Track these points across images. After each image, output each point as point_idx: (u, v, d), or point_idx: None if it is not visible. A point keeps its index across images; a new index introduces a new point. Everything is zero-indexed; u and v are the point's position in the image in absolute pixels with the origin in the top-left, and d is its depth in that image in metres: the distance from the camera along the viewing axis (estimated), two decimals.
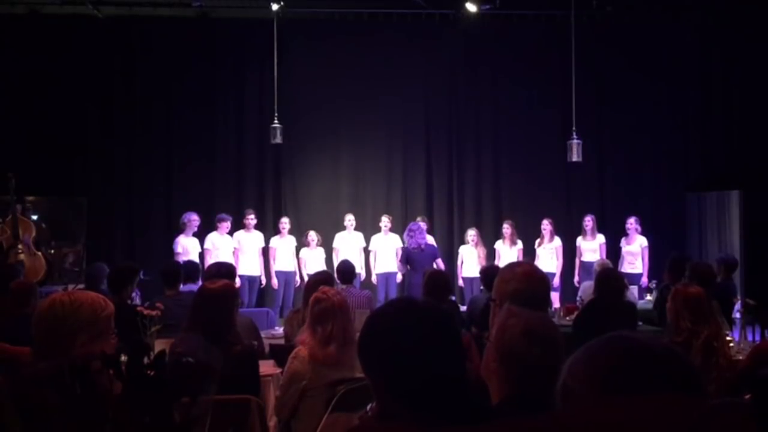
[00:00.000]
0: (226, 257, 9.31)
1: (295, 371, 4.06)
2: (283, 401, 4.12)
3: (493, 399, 2.15)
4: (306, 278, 8.59)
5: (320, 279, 5.72)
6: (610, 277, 6.06)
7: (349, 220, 10.47)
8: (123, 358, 2.17)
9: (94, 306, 2.54)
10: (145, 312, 4.90)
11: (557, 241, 10.26)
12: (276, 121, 10.20)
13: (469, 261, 10.32)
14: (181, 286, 6.45)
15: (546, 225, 10.23)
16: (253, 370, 4.34)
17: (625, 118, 11.66)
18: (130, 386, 2.01)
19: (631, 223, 10.08)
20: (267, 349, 5.48)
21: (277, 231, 10.49)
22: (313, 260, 10.09)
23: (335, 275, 7.46)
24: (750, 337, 6.59)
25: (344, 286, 6.86)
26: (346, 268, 7.30)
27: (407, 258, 9.48)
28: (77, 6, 10.74)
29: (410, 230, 9.53)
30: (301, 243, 10.40)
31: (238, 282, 9.02)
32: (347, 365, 4.08)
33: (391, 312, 1.69)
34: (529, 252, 10.32)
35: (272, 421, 4.58)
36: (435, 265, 9.15)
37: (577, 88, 10.13)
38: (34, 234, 9.51)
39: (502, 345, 2.18)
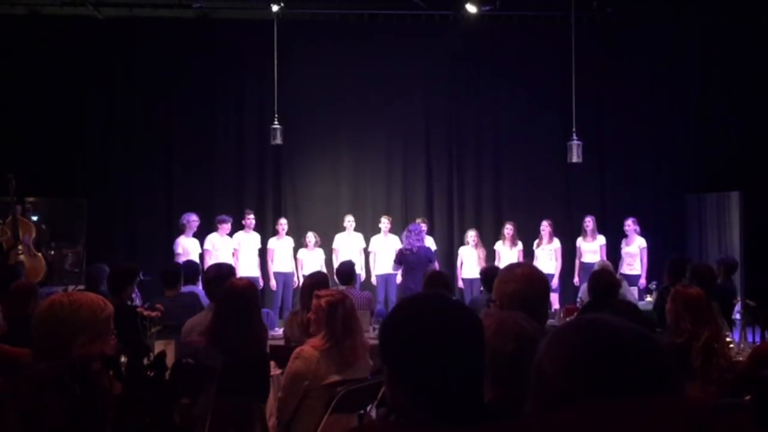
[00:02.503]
0: (226, 258, 9.32)
1: (297, 371, 4.05)
2: (285, 402, 4.11)
3: None
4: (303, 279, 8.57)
5: (315, 280, 5.72)
6: (601, 277, 6.04)
7: (349, 221, 10.47)
8: (123, 359, 2.17)
9: (94, 307, 2.54)
10: (145, 313, 4.91)
11: (556, 243, 10.26)
12: (276, 122, 10.20)
13: (469, 262, 10.32)
14: (182, 287, 6.45)
15: (545, 226, 10.23)
16: (267, 373, 4.41)
17: (625, 119, 11.66)
18: (130, 387, 2.01)
19: (629, 224, 10.08)
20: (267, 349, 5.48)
21: (275, 232, 10.49)
22: (311, 261, 10.08)
23: (335, 276, 7.48)
24: (750, 338, 6.59)
25: (344, 287, 6.85)
26: (346, 269, 7.30)
27: (401, 259, 9.42)
28: (77, 7, 10.73)
29: (407, 231, 9.54)
30: (300, 244, 10.40)
31: None
32: (355, 366, 4.09)
33: (422, 305, 1.64)
34: (529, 253, 10.32)
35: (271, 421, 4.59)
36: (432, 268, 9.12)
37: (577, 88, 10.13)
38: (34, 235, 9.51)
39: None
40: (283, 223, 10.37)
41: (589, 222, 10.24)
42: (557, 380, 1.25)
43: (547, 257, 10.18)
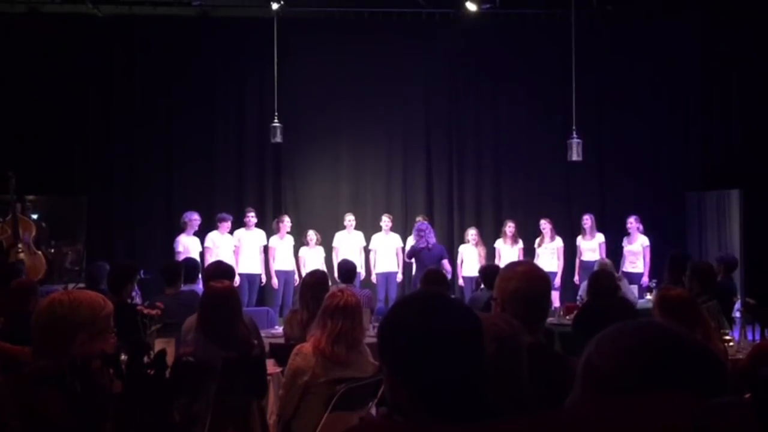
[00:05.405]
0: (227, 256, 9.30)
1: (297, 368, 4.06)
2: (286, 400, 4.11)
3: None
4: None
5: (315, 279, 5.72)
6: (600, 277, 6.05)
7: (349, 219, 10.47)
8: (123, 357, 2.17)
9: (93, 305, 2.54)
10: (146, 311, 4.91)
11: (558, 241, 10.26)
12: (276, 121, 10.20)
13: (469, 260, 10.32)
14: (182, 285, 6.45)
15: (544, 224, 10.24)
16: (263, 373, 4.40)
17: (625, 118, 11.66)
18: (130, 385, 2.01)
19: (632, 222, 10.08)
20: (267, 348, 5.48)
21: (277, 230, 10.49)
22: (312, 259, 10.08)
23: (336, 274, 7.48)
24: (750, 337, 6.60)
25: (344, 286, 6.85)
26: (347, 268, 7.31)
27: (413, 255, 9.59)
28: (77, 5, 10.73)
29: (419, 230, 9.65)
30: (300, 242, 10.40)
31: (237, 281, 9.03)
32: (352, 366, 4.08)
33: (422, 302, 1.63)
34: (530, 251, 10.33)
35: (271, 419, 4.59)
36: (441, 266, 9.15)
37: (577, 88, 10.13)
38: (34, 233, 9.51)
39: None
40: (285, 221, 10.36)
41: (587, 220, 10.24)
42: (609, 376, 1.26)
43: (549, 255, 10.18)
